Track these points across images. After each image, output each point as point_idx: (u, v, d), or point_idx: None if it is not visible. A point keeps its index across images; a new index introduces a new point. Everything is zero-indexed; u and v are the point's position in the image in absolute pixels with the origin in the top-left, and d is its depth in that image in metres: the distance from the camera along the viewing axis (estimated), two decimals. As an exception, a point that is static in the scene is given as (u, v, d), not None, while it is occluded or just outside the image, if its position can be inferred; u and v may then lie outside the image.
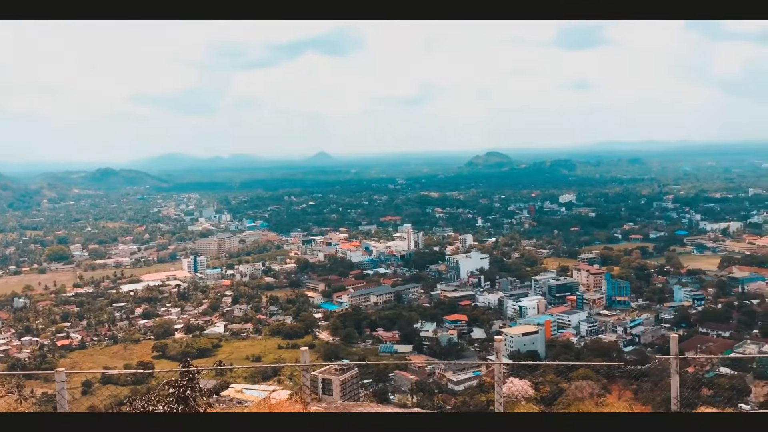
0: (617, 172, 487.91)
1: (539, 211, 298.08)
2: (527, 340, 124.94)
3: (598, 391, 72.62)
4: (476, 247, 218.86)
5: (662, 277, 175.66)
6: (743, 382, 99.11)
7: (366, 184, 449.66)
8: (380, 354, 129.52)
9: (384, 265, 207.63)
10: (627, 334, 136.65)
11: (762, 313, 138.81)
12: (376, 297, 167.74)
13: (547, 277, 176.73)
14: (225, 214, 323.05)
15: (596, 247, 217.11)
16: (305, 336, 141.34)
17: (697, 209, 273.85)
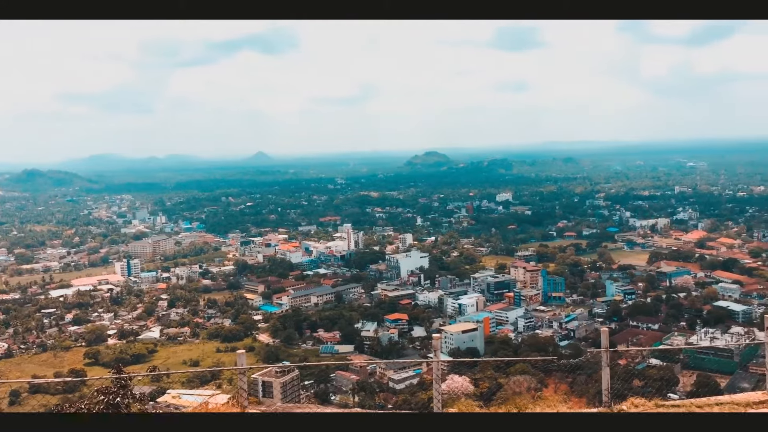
0: (552, 171, 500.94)
1: (477, 210, 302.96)
2: (467, 338, 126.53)
3: (535, 385, 74.23)
4: (416, 246, 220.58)
5: (595, 272, 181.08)
6: (672, 373, 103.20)
7: (305, 184, 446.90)
8: (321, 355, 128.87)
9: (324, 266, 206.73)
10: (562, 328, 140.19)
11: (688, 305, 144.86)
12: (316, 298, 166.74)
13: (486, 275, 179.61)
14: (160, 215, 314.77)
15: (532, 245, 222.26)
16: (245, 339, 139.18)
17: (627, 207, 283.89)
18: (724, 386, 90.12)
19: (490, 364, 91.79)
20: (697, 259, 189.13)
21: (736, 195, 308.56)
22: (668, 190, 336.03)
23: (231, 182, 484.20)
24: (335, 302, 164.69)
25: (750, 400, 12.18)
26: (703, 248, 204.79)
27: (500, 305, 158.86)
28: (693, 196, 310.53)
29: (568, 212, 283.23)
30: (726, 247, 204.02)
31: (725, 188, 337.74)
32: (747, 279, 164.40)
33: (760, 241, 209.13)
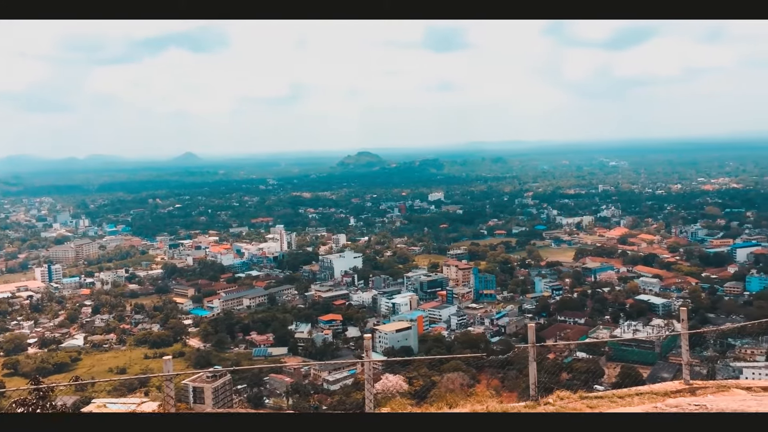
0: (482, 170, 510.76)
1: (410, 210, 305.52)
2: (401, 336, 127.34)
3: (468, 381, 75.11)
4: (349, 247, 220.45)
5: (524, 270, 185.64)
6: (597, 365, 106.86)
7: (236, 185, 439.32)
8: (254, 358, 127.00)
9: (256, 268, 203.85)
10: (493, 325, 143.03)
11: (612, 300, 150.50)
12: (248, 300, 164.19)
13: (419, 274, 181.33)
14: (82, 218, 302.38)
15: (464, 243, 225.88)
16: (174, 344, 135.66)
17: (554, 205, 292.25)
18: (646, 377, 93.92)
19: (424, 362, 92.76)
20: (619, 255, 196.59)
21: (656, 193, 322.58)
22: (592, 189, 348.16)
23: (158, 183, 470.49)
24: (268, 304, 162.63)
25: (668, 390, 12.67)
26: (625, 244, 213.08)
27: (433, 303, 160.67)
28: (615, 194, 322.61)
29: (498, 211, 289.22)
30: (646, 243, 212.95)
31: (645, 186, 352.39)
32: (666, 273, 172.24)
33: (677, 236, 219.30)
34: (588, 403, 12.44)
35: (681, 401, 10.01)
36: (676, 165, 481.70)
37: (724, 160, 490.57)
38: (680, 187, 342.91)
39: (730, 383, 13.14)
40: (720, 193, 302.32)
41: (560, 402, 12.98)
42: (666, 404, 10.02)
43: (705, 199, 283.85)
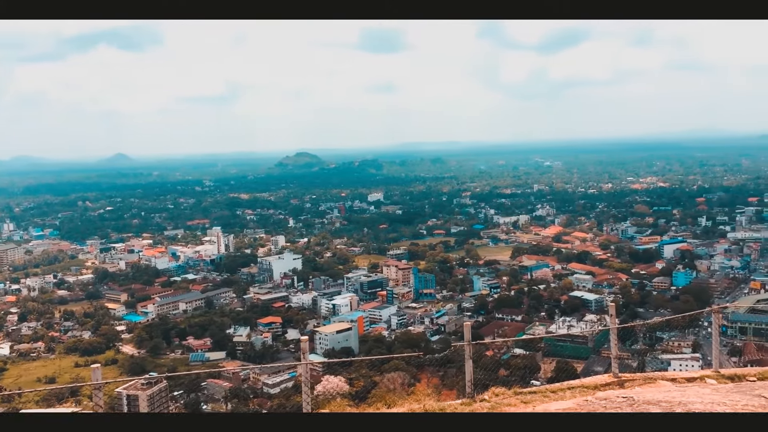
0: (421, 171, 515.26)
1: (349, 210, 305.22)
2: (341, 337, 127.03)
3: (408, 380, 75.40)
4: (288, 248, 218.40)
5: (463, 268, 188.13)
6: (534, 361, 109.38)
7: (170, 187, 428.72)
8: (191, 363, 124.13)
9: (193, 271, 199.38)
10: (433, 324, 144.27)
11: (547, 297, 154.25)
12: (185, 304, 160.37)
13: (359, 275, 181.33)
14: (7, 222, 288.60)
15: (403, 243, 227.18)
16: (107, 351, 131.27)
17: (491, 204, 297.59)
18: (580, 371, 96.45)
19: (365, 363, 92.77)
20: (554, 253, 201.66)
21: (588, 192, 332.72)
22: (528, 188, 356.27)
23: (88, 185, 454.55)
24: (205, 308, 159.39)
25: (598, 383, 12.96)
26: (559, 242, 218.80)
27: (374, 304, 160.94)
28: (550, 193, 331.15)
29: (437, 211, 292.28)
30: (580, 241, 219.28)
31: (578, 186, 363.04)
32: (598, 270, 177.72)
33: (608, 234, 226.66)
34: (522, 399, 12.59)
35: (610, 394, 10.24)
36: (606, 165, 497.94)
37: (652, 160, 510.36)
38: (611, 186, 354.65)
39: (657, 375, 13.55)
40: (648, 192, 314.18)
41: (496, 398, 13.09)
42: (596, 397, 10.22)
43: (634, 198, 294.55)
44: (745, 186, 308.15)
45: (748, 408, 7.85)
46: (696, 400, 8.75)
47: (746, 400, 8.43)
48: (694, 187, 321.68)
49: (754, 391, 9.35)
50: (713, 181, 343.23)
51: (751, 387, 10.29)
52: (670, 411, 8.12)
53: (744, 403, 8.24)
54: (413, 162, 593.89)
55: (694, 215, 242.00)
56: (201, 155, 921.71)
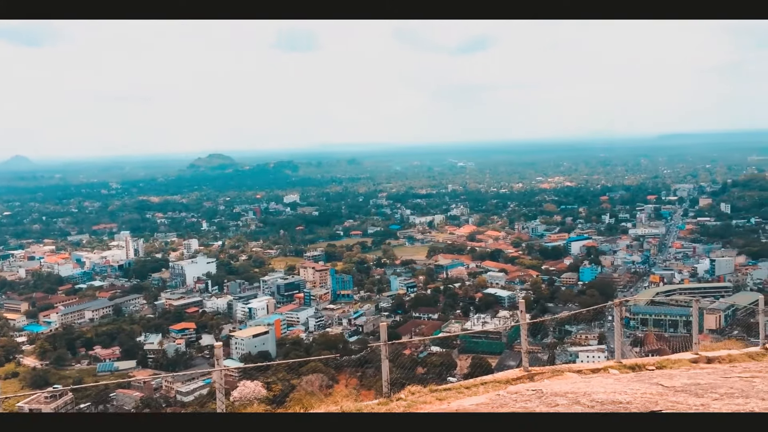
0: (337, 172, 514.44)
1: (265, 212, 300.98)
2: (258, 341, 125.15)
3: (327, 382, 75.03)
4: (202, 252, 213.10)
5: (380, 269, 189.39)
6: (450, 358, 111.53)
7: (74, 190, 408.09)
8: (98, 374, 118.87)
9: (99, 277, 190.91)
10: (351, 325, 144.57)
11: (463, 294, 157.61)
12: (91, 312, 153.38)
13: (276, 277, 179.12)
14: None
15: (320, 245, 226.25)
16: (6, 364, 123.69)
17: (407, 205, 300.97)
18: (494, 366, 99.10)
19: (282, 366, 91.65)
20: (468, 252, 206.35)
21: (500, 192, 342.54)
22: (443, 189, 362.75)
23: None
24: (114, 316, 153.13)
25: (509, 377, 13.32)
26: (473, 241, 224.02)
27: (291, 306, 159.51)
28: (464, 193, 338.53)
29: (354, 212, 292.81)
30: (492, 239, 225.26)
31: (490, 186, 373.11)
32: (510, 267, 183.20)
33: (520, 232, 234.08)
34: (437, 395, 12.75)
35: (520, 387, 10.54)
36: (517, 165, 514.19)
37: (559, 161, 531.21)
38: (521, 185, 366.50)
39: (564, 368, 14.08)
40: (556, 191, 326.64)
41: (412, 397, 13.20)
42: (507, 391, 10.48)
43: (543, 197, 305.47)
44: (644, 185, 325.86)
45: (647, 395, 8.25)
46: (599, 389, 9.13)
47: (645, 389, 8.87)
48: (597, 186, 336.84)
49: (652, 380, 9.86)
50: (615, 180, 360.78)
51: (650, 376, 10.86)
52: (576, 401, 8.41)
53: (643, 391, 8.66)
54: (329, 163, 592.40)
55: (598, 213, 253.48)
56: (107, 157, 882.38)
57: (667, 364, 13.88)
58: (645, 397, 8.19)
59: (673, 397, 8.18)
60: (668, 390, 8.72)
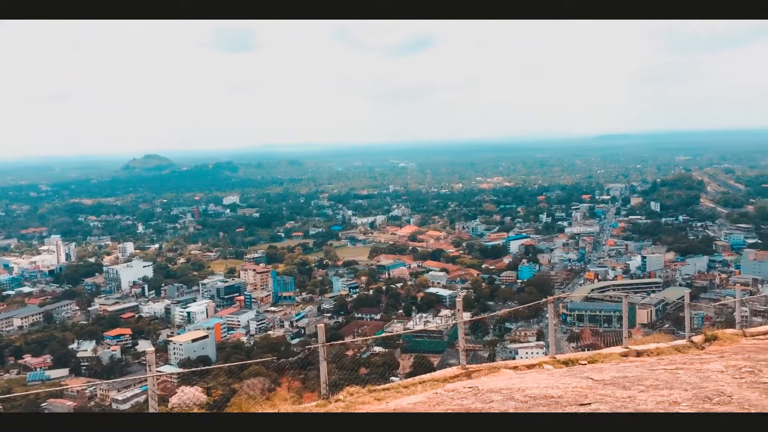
0: (278, 173, 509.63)
1: (204, 214, 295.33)
2: (197, 346, 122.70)
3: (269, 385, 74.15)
4: (138, 255, 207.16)
5: (322, 270, 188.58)
6: (393, 358, 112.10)
7: (1, 193, 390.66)
8: (29, 383, 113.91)
9: (29, 284, 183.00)
10: (293, 327, 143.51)
11: (405, 294, 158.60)
12: (20, 320, 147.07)
13: (215, 280, 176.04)
14: None
15: (261, 247, 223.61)
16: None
17: (349, 205, 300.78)
18: (436, 364, 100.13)
19: (223, 371, 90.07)
20: (410, 252, 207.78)
21: (441, 192, 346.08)
22: (384, 189, 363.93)
23: None
24: (45, 323, 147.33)
25: (447, 376, 13.42)
26: (415, 241, 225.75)
27: (231, 309, 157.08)
28: (405, 193, 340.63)
29: (295, 213, 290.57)
30: (434, 239, 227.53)
31: (431, 186, 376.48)
32: (451, 266, 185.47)
33: (460, 232, 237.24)
34: (376, 396, 12.73)
35: (458, 385, 10.61)
36: (457, 165, 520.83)
37: (498, 161, 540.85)
38: (461, 186, 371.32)
39: (500, 364, 14.29)
40: (495, 191, 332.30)
41: (350, 398, 13.14)
42: (445, 389, 10.54)
43: (483, 197, 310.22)
44: (579, 184, 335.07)
45: (577, 389, 8.43)
46: (533, 385, 9.28)
47: (576, 383, 9.06)
48: (535, 186, 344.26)
49: (583, 374, 10.10)
50: (552, 180, 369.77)
51: (581, 370, 11.14)
52: (510, 397, 8.52)
53: (574, 385, 8.85)
54: (270, 164, 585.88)
55: (536, 212, 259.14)
56: (36, 158, 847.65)
57: (599, 359, 14.28)
58: (575, 391, 8.37)
59: (602, 390, 8.38)
60: (598, 383, 8.93)
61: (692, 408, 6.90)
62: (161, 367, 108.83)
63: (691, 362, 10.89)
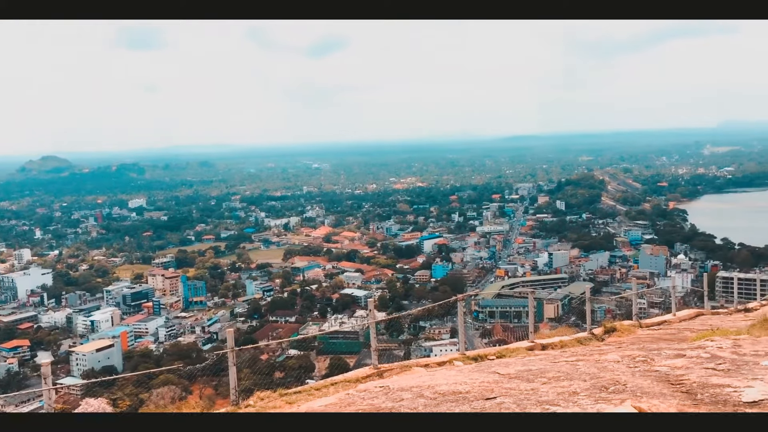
0: (187, 175, 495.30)
1: (108, 218, 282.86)
2: (102, 356, 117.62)
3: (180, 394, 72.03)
4: (36, 263, 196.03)
5: (235, 273, 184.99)
6: (309, 360, 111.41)
7: None
8: None
9: None
10: (205, 332, 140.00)
11: (320, 296, 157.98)
12: None
13: (121, 286, 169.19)
14: None
15: (171, 251, 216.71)
16: None
17: (262, 207, 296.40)
18: (352, 365, 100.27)
19: (130, 380, 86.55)
20: (325, 253, 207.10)
21: (355, 193, 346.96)
22: (298, 190, 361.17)
23: None
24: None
25: (359, 376, 13.40)
26: (329, 242, 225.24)
27: (139, 317, 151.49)
28: (319, 195, 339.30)
29: (206, 216, 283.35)
30: (348, 240, 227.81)
31: (345, 187, 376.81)
32: (366, 267, 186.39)
33: (375, 232, 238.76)
34: (287, 399, 12.54)
35: (369, 385, 10.59)
36: (371, 166, 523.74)
37: (411, 162, 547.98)
38: (375, 186, 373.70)
39: (412, 363, 14.42)
40: (408, 192, 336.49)
41: (261, 402, 12.88)
42: (357, 390, 10.50)
43: (396, 197, 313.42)
44: (489, 184, 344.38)
45: (484, 384, 8.60)
46: (442, 381, 9.39)
47: (483, 378, 9.25)
48: (447, 186, 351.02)
49: (491, 369, 10.32)
50: (463, 180, 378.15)
51: (489, 365, 11.39)
52: (419, 395, 8.57)
53: (481, 380, 9.02)
54: (179, 165, 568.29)
55: (448, 212, 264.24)
56: None
57: (506, 353, 14.67)
58: (482, 386, 8.53)
59: (507, 384, 8.58)
60: (503, 378, 9.15)
61: (590, 397, 7.16)
62: (63, 379, 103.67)
63: (591, 354, 11.36)
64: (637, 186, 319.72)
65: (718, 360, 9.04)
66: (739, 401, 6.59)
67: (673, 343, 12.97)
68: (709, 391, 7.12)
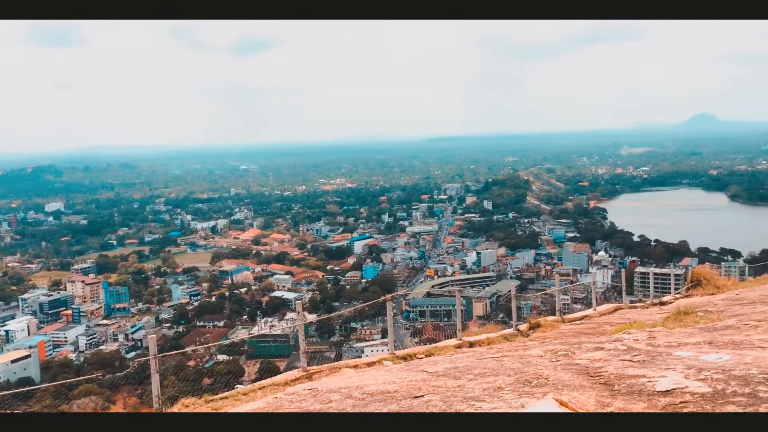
0: (108, 177, 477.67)
1: (22, 223, 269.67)
2: (17, 367, 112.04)
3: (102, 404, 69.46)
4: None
5: (160, 278, 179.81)
6: (238, 365, 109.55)
7: None
8: None
9: None
10: (129, 340, 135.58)
11: (249, 299, 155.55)
12: None
13: (38, 294, 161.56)
14: None
15: (91, 256, 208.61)
16: None
17: (188, 210, 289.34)
18: (283, 368, 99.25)
19: (48, 392, 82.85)
20: (254, 256, 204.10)
21: (284, 194, 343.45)
22: (225, 192, 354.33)
23: None
24: None
25: (288, 379, 13.26)
26: (258, 245, 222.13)
27: (57, 325, 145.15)
28: (247, 196, 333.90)
29: (129, 219, 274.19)
30: (278, 242, 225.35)
31: (274, 188, 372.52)
32: (297, 269, 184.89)
33: (305, 234, 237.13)
34: (213, 406, 12.28)
35: (298, 388, 10.49)
36: (299, 167, 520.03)
37: (340, 163, 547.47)
38: (305, 188, 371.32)
39: (341, 364, 14.37)
40: (338, 193, 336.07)
41: (186, 410, 12.55)
42: (285, 393, 10.37)
43: (326, 199, 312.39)
44: (418, 185, 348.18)
45: (413, 383, 8.65)
46: (371, 382, 9.39)
47: (411, 376, 9.31)
48: (377, 186, 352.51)
49: (419, 368, 10.41)
50: (392, 181, 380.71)
51: (418, 364, 11.49)
52: (348, 396, 8.54)
53: (410, 379, 9.08)
54: (99, 167, 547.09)
55: (378, 212, 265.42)
56: None
57: (435, 352, 14.84)
58: (411, 385, 8.58)
59: (435, 381, 8.66)
60: (431, 376, 9.23)
61: (513, 391, 7.31)
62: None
63: (516, 349, 11.63)
64: (560, 186, 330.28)
65: (634, 352, 9.42)
66: (653, 391, 6.88)
67: (593, 337, 13.45)
68: (625, 382, 7.40)
